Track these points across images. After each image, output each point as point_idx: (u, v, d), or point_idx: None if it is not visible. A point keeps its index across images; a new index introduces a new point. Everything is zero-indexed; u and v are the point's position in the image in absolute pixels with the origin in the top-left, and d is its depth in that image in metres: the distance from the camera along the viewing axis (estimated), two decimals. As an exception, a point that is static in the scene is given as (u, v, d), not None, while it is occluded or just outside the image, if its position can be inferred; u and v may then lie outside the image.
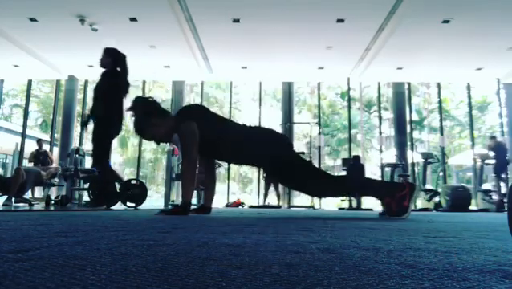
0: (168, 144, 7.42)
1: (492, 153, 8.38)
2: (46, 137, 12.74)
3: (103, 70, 4.14)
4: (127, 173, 24.25)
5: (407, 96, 11.05)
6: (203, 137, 2.70)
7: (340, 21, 7.32)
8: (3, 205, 4.92)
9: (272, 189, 9.62)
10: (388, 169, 9.26)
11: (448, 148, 20.05)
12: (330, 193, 3.04)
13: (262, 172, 9.86)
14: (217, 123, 2.84)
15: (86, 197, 5.92)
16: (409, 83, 11.12)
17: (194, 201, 7.04)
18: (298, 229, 1.38)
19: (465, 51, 8.62)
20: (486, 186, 8.62)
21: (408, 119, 11.07)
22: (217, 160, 3.24)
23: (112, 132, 4.22)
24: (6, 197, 5.15)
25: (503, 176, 8.23)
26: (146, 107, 2.83)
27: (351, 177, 2.90)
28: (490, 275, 0.54)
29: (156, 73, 10.65)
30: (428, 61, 9.22)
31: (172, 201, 7.06)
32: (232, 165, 15.16)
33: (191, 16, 7.32)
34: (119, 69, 4.13)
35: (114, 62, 4.11)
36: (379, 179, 2.82)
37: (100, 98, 4.05)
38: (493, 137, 8.78)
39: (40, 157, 7.54)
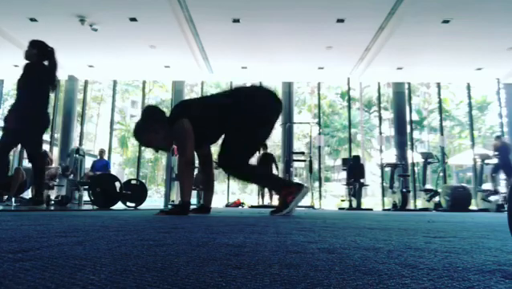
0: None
1: (496, 153, 8.34)
2: (47, 137, 12.73)
3: (26, 62, 3.84)
4: (127, 173, 24.25)
5: (407, 96, 11.05)
6: (202, 124, 2.68)
7: (340, 21, 7.33)
8: (3, 205, 4.92)
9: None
10: (387, 169, 9.27)
11: (448, 148, 20.06)
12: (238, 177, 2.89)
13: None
14: (207, 103, 2.85)
15: (86, 197, 5.92)
16: (409, 83, 11.12)
17: (194, 201, 7.04)
18: (298, 229, 1.38)
19: (465, 51, 8.62)
20: (486, 186, 8.61)
21: (408, 119, 11.07)
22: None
23: (37, 128, 3.86)
24: (6, 197, 5.16)
25: (502, 176, 8.21)
26: (150, 114, 2.78)
27: (259, 172, 2.93)
28: (490, 275, 0.54)
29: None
30: (428, 61, 9.22)
31: (172, 201, 7.07)
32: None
33: (191, 16, 7.32)
34: (46, 63, 3.90)
35: (40, 54, 3.89)
36: (276, 176, 2.97)
37: (22, 92, 3.76)
38: (498, 137, 8.70)
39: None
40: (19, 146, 6.52)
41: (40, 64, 3.88)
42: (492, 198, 7.93)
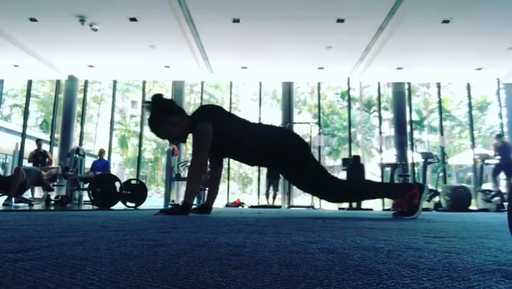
0: (168, 143, 7.42)
1: (496, 153, 8.28)
2: (47, 137, 12.75)
3: None
4: (127, 173, 24.25)
5: (407, 96, 11.05)
6: (220, 136, 2.66)
7: (340, 21, 7.33)
8: (3, 205, 4.92)
9: (271, 189, 9.63)
10: (388, 169, 9.26)
11: (448, 148, 20.06)
12: (340, 198, 3.01)
13: (264, 171, 9.90)
14: (235, 123, 2.80)
15: (86, 197, 5.92)
16: (409, 83, 11.13)
17: (195, 200, 7.03)
18: (298, 229, 1.38)
19: (465, 51, 8.62)
20: (486, 186, 8.60)
21: (408, 119, 11.07)
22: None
23: None
24: (6, 197, 5.15)
25: (502, 176, 8.19)
26: (163, 105, 2.75)
27: (362, 182, 2.94)
28: (490, 275, 0.54)
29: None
30: (428, 61, 9.22)
31: (173, 201, 7.06)
32: (232, 165, 15.14)
33: (191, 16, 7.32)
34: None
35: None
36: (388, 182, 2.87)
37: None
38: (499, 136, 8.58)
39: (39, 157, 7.54)
40: (19, 146, 6.47)
41: None
42: (494, 199, 7.93)
